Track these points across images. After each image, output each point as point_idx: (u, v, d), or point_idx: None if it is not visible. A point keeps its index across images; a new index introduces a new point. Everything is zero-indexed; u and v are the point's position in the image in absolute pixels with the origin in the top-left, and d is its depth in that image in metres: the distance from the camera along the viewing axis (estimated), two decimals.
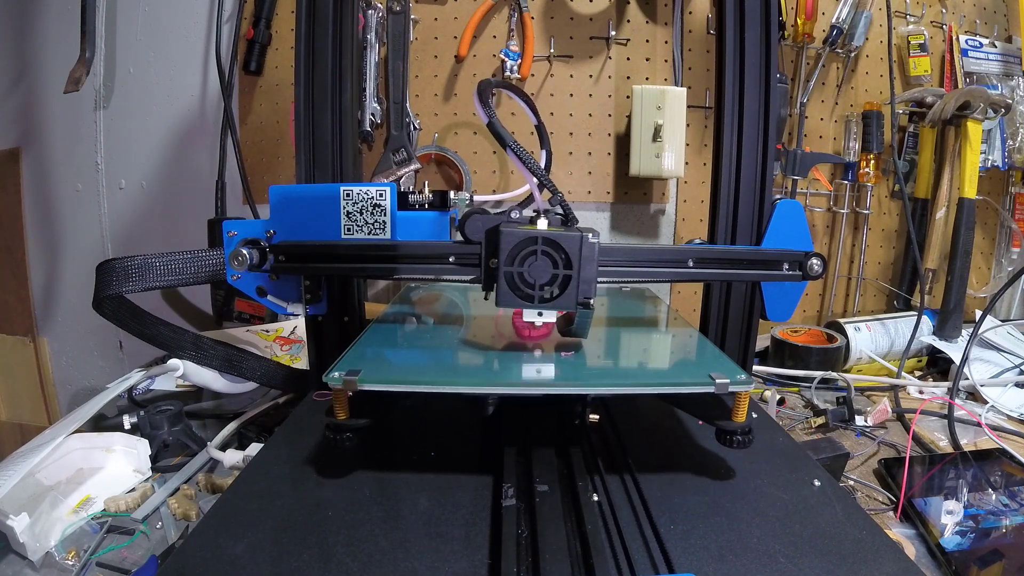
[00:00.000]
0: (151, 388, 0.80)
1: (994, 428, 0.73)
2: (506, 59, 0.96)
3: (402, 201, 0.56)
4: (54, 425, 0.62)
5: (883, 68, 1.03)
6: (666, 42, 0.99)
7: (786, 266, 0.53)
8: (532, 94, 0.99)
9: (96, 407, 0.66)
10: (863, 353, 0.93)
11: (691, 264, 0.51)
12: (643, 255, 0.51)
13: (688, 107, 0.94)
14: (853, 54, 1.03)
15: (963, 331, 0.97)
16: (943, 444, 0.70)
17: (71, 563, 0.48)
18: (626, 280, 0.73)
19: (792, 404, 0.82)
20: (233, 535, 0.37)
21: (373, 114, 0.91)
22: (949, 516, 0.55)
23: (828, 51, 1.01)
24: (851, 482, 0.62)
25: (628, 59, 0.99)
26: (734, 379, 0.40)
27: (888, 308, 1.11)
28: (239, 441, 0.67)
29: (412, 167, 0.90)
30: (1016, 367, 0.90)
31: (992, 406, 0.79)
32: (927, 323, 0.98)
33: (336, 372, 0.40)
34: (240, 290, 0.54)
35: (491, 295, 0.46)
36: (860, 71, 1.05)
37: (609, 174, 1.02)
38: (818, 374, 0.85)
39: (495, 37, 0.98)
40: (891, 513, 0.57)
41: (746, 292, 0.60)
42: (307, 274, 0.55)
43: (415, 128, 0.94)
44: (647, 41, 0.99)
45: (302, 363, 0.86)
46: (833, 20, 1.00)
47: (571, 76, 0.99)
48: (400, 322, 0.59)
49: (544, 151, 0.71)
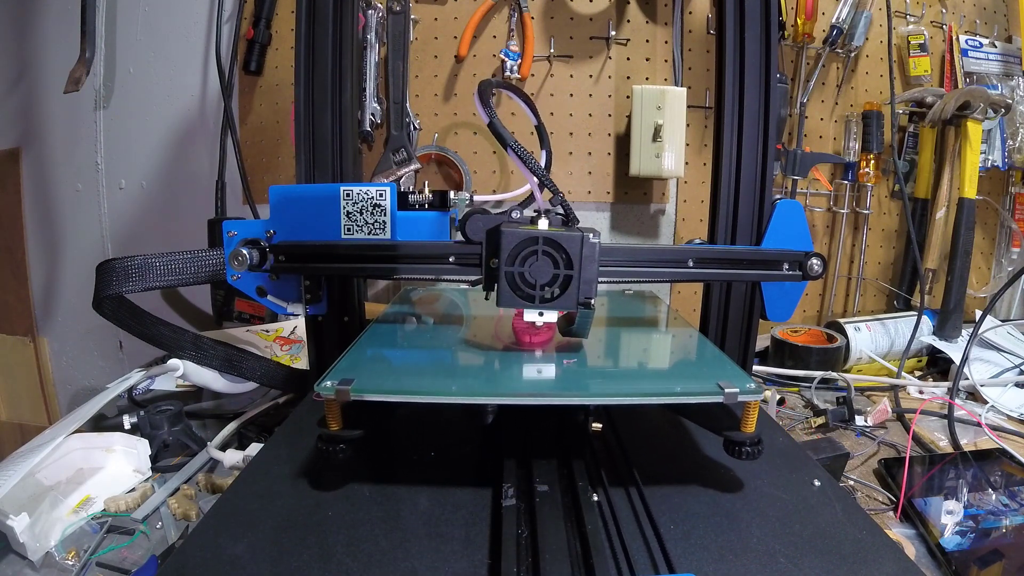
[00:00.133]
0: (151, 388, 0.80)
1: (994, 428, 0.73)
2: (506, 59, 0.96)
3: (402, 201, 0.56)
4: (54, 425, 0.62)
5: (883, 68, 1.03)
6: (666, 42, 0.99)
7: (786, 266, 0.53)
8: (532, 94, 0.99)
9: (96, 407, 0.66)
10: (863, 353, 0.93)
11: (691, 264, 0.51)
12: (643, 255, 0.51)
13: (688, 107, 0.94)
14: (853, 54, 1.03)
15: (963, 331, 0.97)
16: (943, 444, 0.70)
17: (71, 563, 0.48)
18: (626, 280, 0.73)
19: (792, 404, 0.82)
20: (233, 535, 0.37)
21: (373, 114, 0.91)
22: (949, 516, 0.55)
23: (828, 51, 1.01)
24: (851, 482, 0.62)
25: (628, 59, 0.99)
26: (743, 388, 0.39)
27: (888, 308, 1.11)
28: (239, 441, 0.67)
29: (412, 167, 0.90)
30: (1016, 367, 0.90)
31: (992, 406, 0.79)
32: (927, 323, 0.98)
33: (328, 381, 0.38)
34: (240, 290, 0.54)
35: (491, 295, 0.46)
36: (860, 71, 1.05)
37: (609, 174, 1.02)
38: (818, 374, 0.85)
39: (495, 37, 0.98)
40: (891, 513, 0.57)
41: (746, 292, 0.60)
42: (307, 274, 0.55)
43: (415, 128, 0.94)
44: (647, 41, 0.99)
45: (302, 363, 0.86)
46: (833, 20, 1.00)
47: (571, 76, 0.99)
48: (399, 323, 0.59)
49: (544, 151, 0.71)
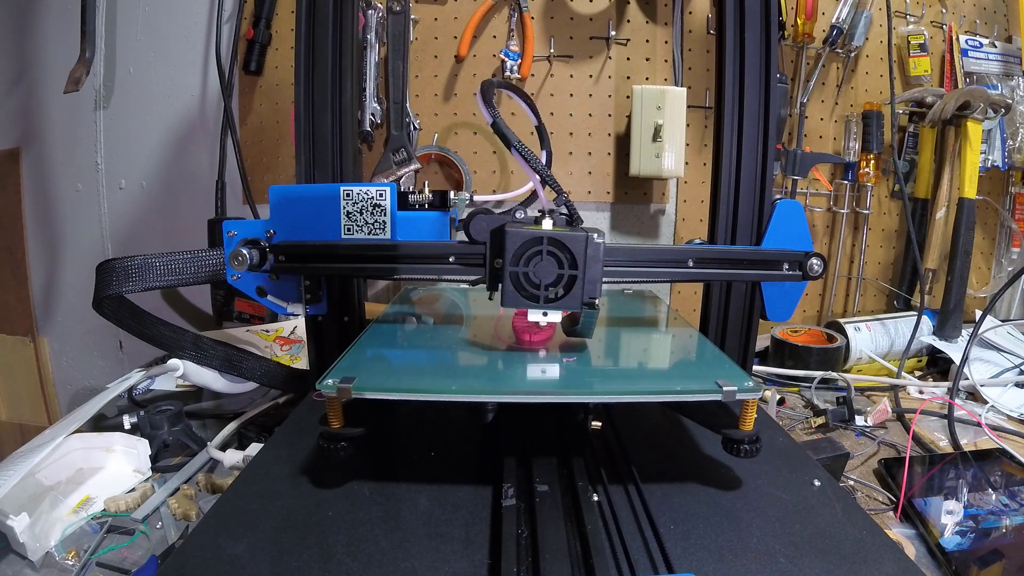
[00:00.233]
0: (151, 388, 0.80)
1: (994, 428, 0.73)
2: (506, 59, 0.96)
3: (402, 201, 0.56)
4: (54, 425, 0.62)
5: (883, 68, 1.03)
6: (666, 42, 0.99)
7: (786, 266, 0.53)
8: (532, 94, 0.99)
9: (96, 407, 0.66)
10: (863, 353, 0.93)
11: (691, 264, 0.51)
12: (643, 255, 0.51)
13: (688, 107, 0.94)
14: (853, 54, 1.03)
15: (963, 331, 0.97)
16: (943, 444, 0.70)
17: (71, 563, 0.48)
18: (626, 280, 0.73)
19: (792, 404, 0.82)
20: (233, 535, 0.37)
21: (373, 114, 0.91)
22: (949, 516, 0.55)
23: (828, 51, 1.01)
24: (851, 482, 0.62)
25: (628, 59, 0.99)
26: (741, 386, 0.39)
27: (888, 308, 1.11)
28: (239, 441, 0.67)
29: (412, 167, 0.90)
30: (1016, 367, 0.90)
31: (992, 406, 0.79)
32: (927, 323, 0.98)
33: (330, 379, 0.38)
34: (240, 290, 0.54)
35: (496, 295, 0.46)
36: (860, 71, 1.05)
37: (609, 174, 1.02)
38: (818, 374, 0.85)
39: (495, 37, 0.98)
40: (891, 513, 0.57)
41: (746, 292, 0.60)
42: (307, 274, 0.55)
43: (415, 128, 0.94)
44: (647, 41, 0.99)
45: (302, 363, 0.86)
46: (833, 20, 1.00)
47: (571, 76, 0.99)
48: (399, 323, 0.59)
49: (544, 151, 0.71)
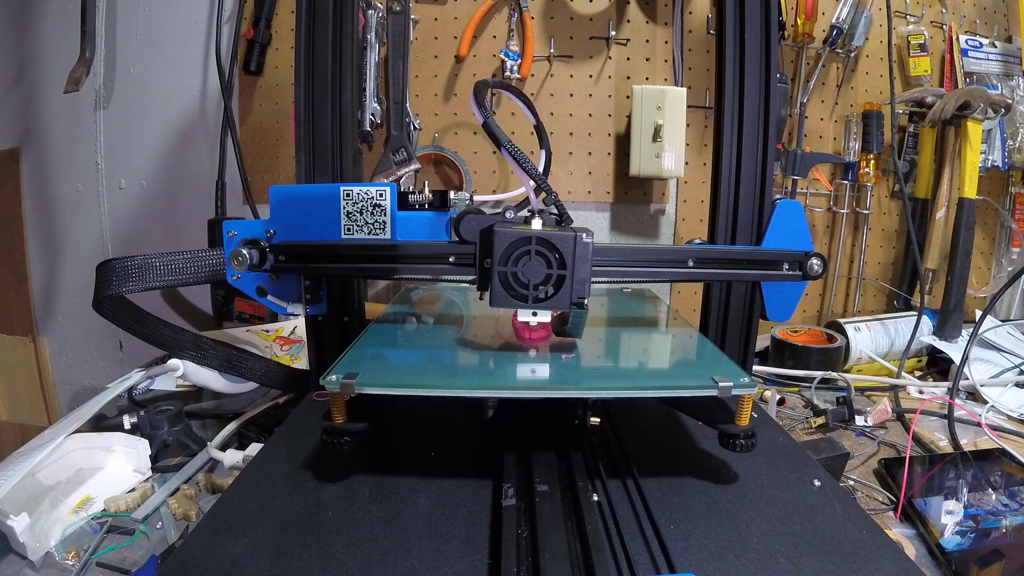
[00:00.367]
0: (151, 388, 0.79)
1: (994, 428, 0.73)
2: (506, 59, 0.96)
3: (402, 201, 0.56)
4: (54, 425, 0.62)
5: (883, 68, 1.03)
6: (666, 42, 0.99)
7: (786, 266, 0.53)
8: (532, 94, 0.99)
9: (96, 407, 0.66)
10: (863, 353, 0.93)
11: (691, 264, 0.51)
12: (643, 255, 0.51)
13: (688, 107, 0.94)
14: (853, 54, 1.03)
15: (963, 331, 0.97)
16: (943, 444, 0.70)
17: (71, 563, 0.48)
18: (626, 280, 0.73)
19: (792, 404, 0.82)
20: (233, 535, 0.37)
21: (373, 114, 0.91)
22: (949, 516, 0.55)
23: (828, 51, 1.01)
24: (851, 482, 0.62)
25: (628, 59, 0.99)
26: (737, 382, 0.40)
27: (888, 308, 1.11)
28: (239, 441, 0.67)
29: (412, 167, 0.90)
30: (1016, 367, 0.90)
31: (992, 406, 0.79)
32: (927, 323, 0.98)
33: (333, 375, 0.39)
34: (240, 290, 0.55)
35: (486, 295, 0.46)
36: (860, 71, 1.05)
37: (609, 174, 1.02)
38: (818, 374, 0.85)
39: (495, 37, 0.98)
40: (891, 513, 0.57)
41: (746, 292, 0.60)
42: (307, 274, 0.56)
43: (415, 128, 0.94)
44: (647, 41, 0.99)
45: (302, 363, 0.86)
46: (833, 20, 1.00)
47: (571, 76, 0.99)
48: (399, 323, 0.59)
49: (544, 151, 0.71)
